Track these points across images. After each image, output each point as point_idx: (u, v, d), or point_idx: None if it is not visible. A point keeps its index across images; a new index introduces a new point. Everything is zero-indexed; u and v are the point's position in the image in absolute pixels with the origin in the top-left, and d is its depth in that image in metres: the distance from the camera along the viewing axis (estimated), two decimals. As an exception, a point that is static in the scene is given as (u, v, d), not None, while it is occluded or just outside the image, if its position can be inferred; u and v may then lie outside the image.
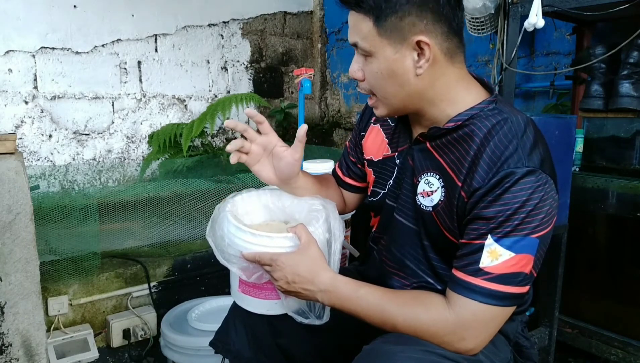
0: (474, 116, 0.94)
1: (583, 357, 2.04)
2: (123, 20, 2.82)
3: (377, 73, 0.94)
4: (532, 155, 0.88)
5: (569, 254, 1.80)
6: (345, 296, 0.96)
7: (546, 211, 0.87)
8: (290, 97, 3.60)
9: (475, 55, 2.96)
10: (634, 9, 1.67)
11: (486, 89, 1.00)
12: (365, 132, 1.20)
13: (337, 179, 1.29)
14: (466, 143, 0.93)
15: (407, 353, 0.85)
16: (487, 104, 0.95)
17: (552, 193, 0.89)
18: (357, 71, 0.98)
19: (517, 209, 0.85)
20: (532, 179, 0.86)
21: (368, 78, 0.96)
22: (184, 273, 2.17)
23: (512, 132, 0.90)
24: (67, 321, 1.92)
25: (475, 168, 0.90)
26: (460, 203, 0.92)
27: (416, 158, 1.03)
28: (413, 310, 0.91)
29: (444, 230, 0.96)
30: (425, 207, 0.99)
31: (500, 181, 0.87)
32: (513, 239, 0.86)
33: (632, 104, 1.90)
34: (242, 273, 1.03)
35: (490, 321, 0.89)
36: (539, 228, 0.87)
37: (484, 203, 0.88)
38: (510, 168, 0.87)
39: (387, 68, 0.92)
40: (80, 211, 1.90)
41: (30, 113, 2.60)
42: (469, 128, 0.94)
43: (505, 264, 0.86)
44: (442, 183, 0.97)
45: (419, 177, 1.01)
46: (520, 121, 0.92)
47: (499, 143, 0.89)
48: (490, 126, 0.92)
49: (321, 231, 1.04)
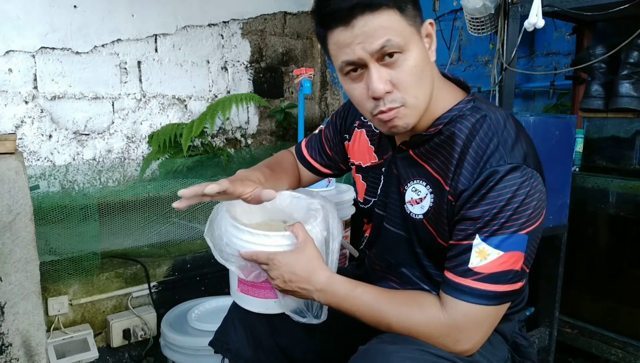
0: (453, 118, 0.93)
1: (583, 357, 2.04)
2: (123, 20, 2.82)
3: (413, 69, 0.86)
4: (514, 151, 0.87)
5: (569, 254, 1.80)
6: (341, 295, 0.95)
7: (534, 206, 0.86)
8: (290, 97, 3.60)
9: (475, 55, 2.96)
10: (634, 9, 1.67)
11: (462, 88, 1.00)
12: (350, 136, 1.19)
13: (301, 159, 1.28)
14: (449, 146, 0.92)
15: (402, 353, 0.85)
16: (465, 103, 0.94)
17: (539, 187, 0.88)
18: (387, 84, 0.86)
19: (503, 207, 0.85)
20: (516, 175, 0.85)
21: (402, 82, 0.86)
22: (184, 273, 2.17)
23: (492, 130, 0.89)
24: (67, 321, 1.92)
25: (460, 170, 0.90)
26: (449, 207, 0.92)
27: (400, 166, 1.02)
28: (408, 310, 0.91)
29: (437, 236, 0.96)
30: (416, 215, 0.98)
31: (485, 180, 0.86)
32: (501, 237, 0.86)
33: (632, 104, 1.90)
34: (240, 271, 1.03)
35: (484, 321, 0.88)
36: (527, 224, 0.86)
37: (470, 204, 0.87)
38: (493, 166, 0.86)
39: (421, 59, 0.87)
40: (80, 211, 1.90)
41: (30, 113, 2.60)
42: (449, 131, 0.93)
43: (494, 263, 0.86)
44: (430, 189, 0.96)
45: (405, 185, 1.00)
46: (499, 117, 0.92)
47: (480, 142, 0.89)
48: (471, 126, 0.91)
49: (319, 230, 1.04)
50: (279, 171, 1.21)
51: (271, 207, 1.16)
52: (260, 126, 3.48)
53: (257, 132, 3.46)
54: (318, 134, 1.27)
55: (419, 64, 0.87)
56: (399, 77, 0.86)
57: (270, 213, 1.17)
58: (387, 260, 1.08)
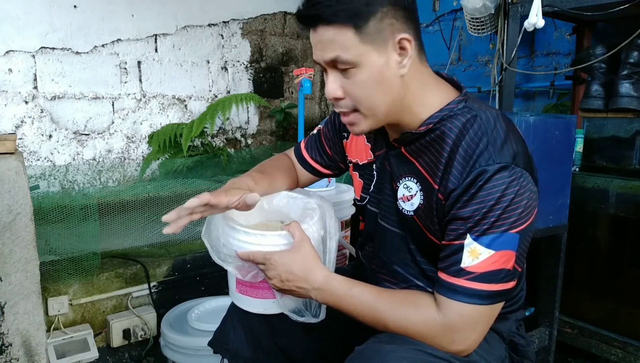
0: (444, 117, 0.94)
1: (583, 357, 2.04)
2: (123, 20, 2.81)
3: (364, 83, 0.90)
4: (503, 150, 0.88)
5: (569, 254, 1.80)
6: (338, 294, 0.96)
7: (524, 205, 0.87)
8: (290, 97, 3.60)
9: (475, 55, 2.96)
10: (634, 9, 1.67)
11: (455, 87, 1.00)
12: (349, 134, 1.19)
13: (301, 161, 1.29)
14: (439, 145, 0.93)
15: (399, 352, 0.85)
16: (457, 103, 0.95)
17: (529, 186, 0.88)
18: (338, 90, 0.92)
19: (493, 206, 0.85)
20: (505, 174, 0.86)
21: (351, 93, 0.92)
22: (184, 273, 2.17)
23: (482, 130, 0.90)
24: (67, 321, 1.92)
25: (449, 169, 0.90)
26: (439, 206, 0.92)
27: (393, 163, 1.03)
28: (404, 310, 0.92)
29: (427, 232, 0.97)
30: (407, 212, 0.99)
31: (474, 180, 0.87)
32: (491, 236, 0.86)
33: (632, 104, 1.90)
34: (237, 272, 1.03)
35: (478, 321, 0.89)
36: (518, 223, 0.87)
37: (460, 203, 0.88)
38: (482, 166, 0.86)
39: (375, 75, 0.89)
40: (80, 211, 1.90)
41: (30, 113, 2.60)
42: (440, 130, 0.94)
43: (486, 262, 0.86)
44: (420, 187, 0.97)
45: (397, 182, 1.01)
46: (490, 117, 0.92)
47: (470, 142, 0.89)
48: (461, 126, 0.91)
49: (315, 229, 1.04)
50: (272, 172, 1.21)
51: (268, 208, 1.16)
52: (260, 126, 3.48)
53: (257, 132, 3.47)
54: (317, 134, 1.27)
55: (372, 79, 0.89)
56: (351, 88, 0.91)
57: (268, 214, 1.17)
58: (381, 258, 1.08)
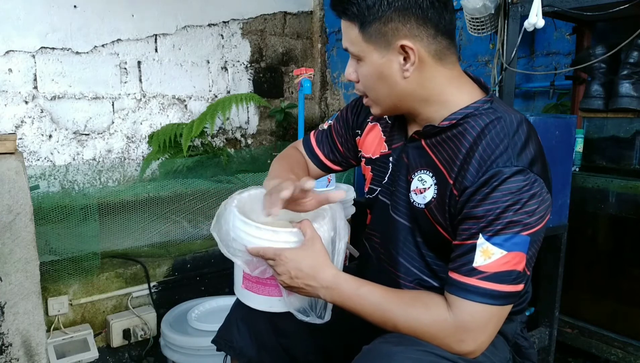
0: (469, 115, 0.95)
1: (583, 357, 2.04)
2: (123, 20, 2.82)
3: (367, 76, 0.98)
4: (522, 155, 0.88)
5: (569, 254, 1.80)
6: (347, 293, 0.96)
7: (536, 210, 0.87)
8: (290, 97, 3.60)
9: (475, 55, 2.96)
10: (634, 9, 1.67)
11: (482, 88, 1.01)
12: (362, 131, 1.20)
13: (311, 155, 1.29)
14: (459, 141, 0.94)
15: (406, 353, 0.85)
16: (482, 103, 0.96)
17: (542, 192, 0.88)
18: (352, 73, 1.01)
19: (507, 207, 0.86)
20: (520, 178, 0.86)
21: (361, 80, 1.00)
22: (184, 273, 2.17)
23: (504, 132, 0.91)
24: (67, 321, 1.92)
25: (466, 166, 0.91)
26: (453, 201, 0.93)
27: (411, 155, 1.03)
28: (414, 310, 0.91)
29: (437, 226, 0.97)
30: (418, 204, 1.00)
31: (489, 179, 0.87)
32: (504, 237, 0.86)
33: (632, 104, 1.90)
34: (246, 266, 1.03)
35: (489, 321, 0.89)
36: (530, 226, 0.87)
37: (474, 202, 0.88)
38: (499, 166, 0.87)
39: (375, 72, 0.96)
40: (80, 211, 1.90)
41: (30, 113, 2.60)
42: (462, 127, 0.94)
43: (498, 262, 0.87)
44: (435, 181, 0.97)
45: (412, 174, 1.02)
46: (514, 120, 0.93)
47: (490, 142, 0.90)
48: (483, 125, 0.92)
49: (326, 229, 1.04)
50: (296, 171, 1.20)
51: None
52: (260, 126, 3.48)
53: (257, 132, 3.47)
54: (328, 130, 1.28)
55: (372, 75, 0.97)
56: (360, 76, 1.00)
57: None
58: (389, 249, 1.08)
